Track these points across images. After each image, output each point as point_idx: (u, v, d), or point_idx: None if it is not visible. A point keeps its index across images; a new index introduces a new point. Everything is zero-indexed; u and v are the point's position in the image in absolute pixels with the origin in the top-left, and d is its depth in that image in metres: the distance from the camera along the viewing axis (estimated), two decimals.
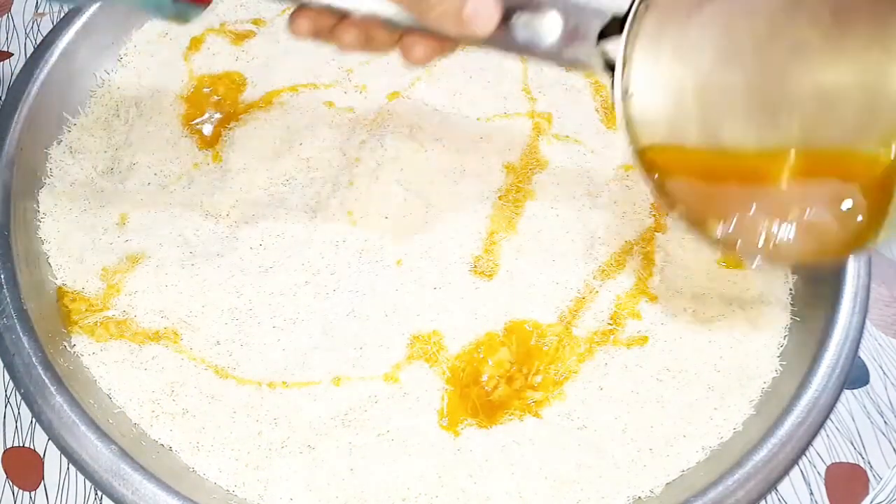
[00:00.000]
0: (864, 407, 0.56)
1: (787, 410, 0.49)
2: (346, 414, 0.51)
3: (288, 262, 0.57)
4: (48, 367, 0.49)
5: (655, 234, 0.59)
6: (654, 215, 0.60)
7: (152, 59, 0.66)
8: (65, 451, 0.47)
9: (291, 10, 0.41)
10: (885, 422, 0.55)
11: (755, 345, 0.54)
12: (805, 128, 0.39)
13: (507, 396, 0.53)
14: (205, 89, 0.65)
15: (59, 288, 0.55)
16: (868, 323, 0.55)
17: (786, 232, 0.39)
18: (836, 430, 0.55)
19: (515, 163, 0.61)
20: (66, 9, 0.63)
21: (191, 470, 0.50)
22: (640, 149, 0.39)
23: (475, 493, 0.49)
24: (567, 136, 0.63)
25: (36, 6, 0.74)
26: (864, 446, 0.54)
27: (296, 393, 0.52)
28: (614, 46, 0.38)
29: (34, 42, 0.71)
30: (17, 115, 0.57)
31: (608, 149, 0.63)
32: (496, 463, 0.50)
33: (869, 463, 0.54)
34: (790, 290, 0.57)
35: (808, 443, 0.49)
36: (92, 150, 0.61)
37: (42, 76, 0.59)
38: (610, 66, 0.38)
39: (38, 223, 0.57)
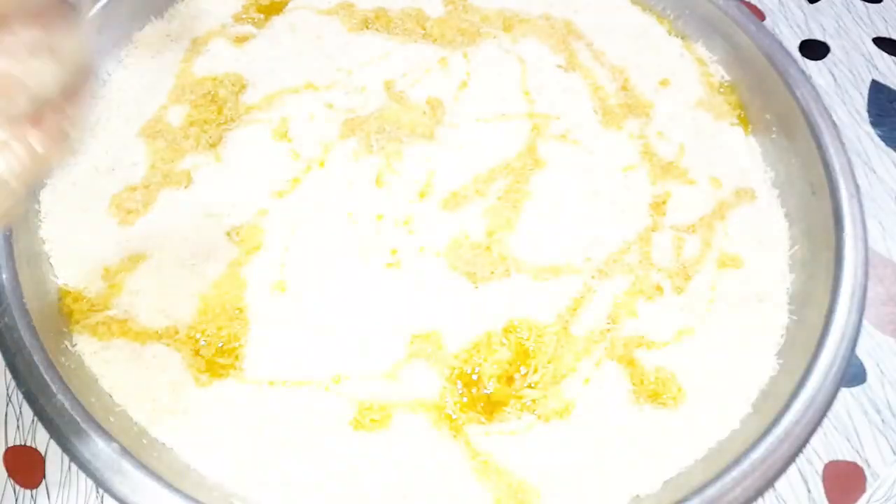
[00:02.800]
0: (862, 405, 0.56)
1: (784, 409, 0.49)
2: (347, 414, 0.52)
3: (288, 262, 0.57)
4: (50, 366, 0.49)
5: (653, 234, 0.60)
6: (653, 215, 0.60)
7: (153, 60, 0.66)
8: (66, 449, 0.47)
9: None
10: (882, 420, 0.55)
11: (753, 344, 0.55)
12: None
13: (505, 395, 0.53)
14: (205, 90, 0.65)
15: (61, 288, 0.55)
16: (865, 321, 0.56)
17: None
18: (833, 428, 0.55)
19: (515, 163, 0.62)
20: None
21: (191, 469, 0.50)
22: None
23: (475, 493, 0.49)
24: (566, 137, 0.63)
25: None
26: (861, 444, 0.55)
27: (296, 392, 0.52)
28: None
29: None
30: None
31: (607, 149, 0.63)
32: (496, 463, 0.50)
33: (866, 461, 0.54)
34: (787, 289, 0.57)
35: (806, 441, 0.49)
36: (92, 149, 0.61)
37: None
38: None
39: (40, 223, 0.57)
